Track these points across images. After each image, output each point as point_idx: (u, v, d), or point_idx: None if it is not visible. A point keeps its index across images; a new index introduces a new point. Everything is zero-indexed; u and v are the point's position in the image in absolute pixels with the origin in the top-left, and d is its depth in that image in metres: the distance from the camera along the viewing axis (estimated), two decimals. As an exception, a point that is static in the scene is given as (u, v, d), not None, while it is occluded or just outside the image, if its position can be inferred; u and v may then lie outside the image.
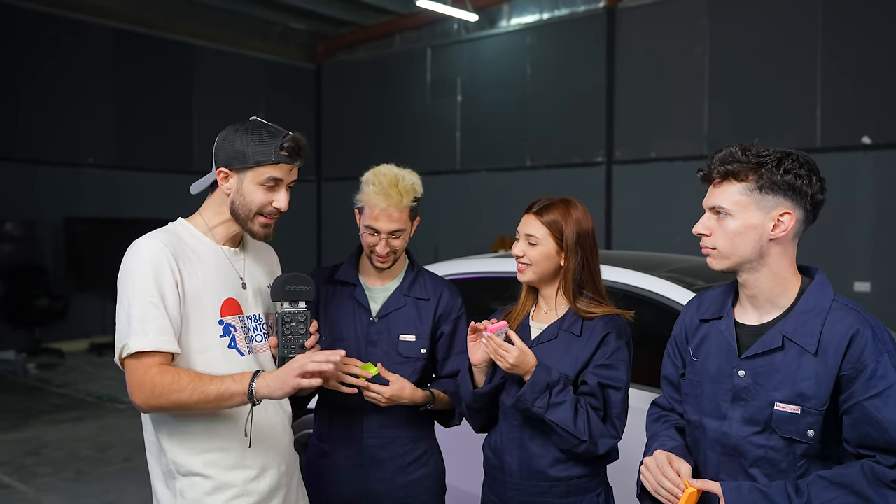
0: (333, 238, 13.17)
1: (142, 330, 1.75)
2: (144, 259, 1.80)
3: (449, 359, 2.43)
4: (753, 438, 1.67)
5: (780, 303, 1.70)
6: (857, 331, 1.60)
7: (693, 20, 9.36)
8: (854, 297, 7.81)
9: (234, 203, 1.92)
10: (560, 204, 2.16)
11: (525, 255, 2.15)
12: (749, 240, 1.66)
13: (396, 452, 2.35)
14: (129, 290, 1.78)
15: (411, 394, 2.25)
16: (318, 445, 2.43)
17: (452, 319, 2.43)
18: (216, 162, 1.92)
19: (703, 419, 1.76)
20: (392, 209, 2.24)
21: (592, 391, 2.06)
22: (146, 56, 11.09)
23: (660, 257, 3.73)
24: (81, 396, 7.58)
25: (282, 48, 13.04)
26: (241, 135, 1.89)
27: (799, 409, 1.62)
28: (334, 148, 13.24)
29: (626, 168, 9.96)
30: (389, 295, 2.40)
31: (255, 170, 1.89)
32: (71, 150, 10.35)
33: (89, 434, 6.19)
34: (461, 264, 3.84)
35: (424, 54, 12.08)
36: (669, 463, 1.70)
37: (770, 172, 1.63)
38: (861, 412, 1.58)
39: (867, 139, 8.22)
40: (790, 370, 1.64)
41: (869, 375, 1.57)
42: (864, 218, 8.25)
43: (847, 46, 8.30)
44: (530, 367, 2.02)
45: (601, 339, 2.09)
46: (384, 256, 2.30)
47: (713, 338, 1.78)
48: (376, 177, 2.27)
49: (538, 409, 2.00)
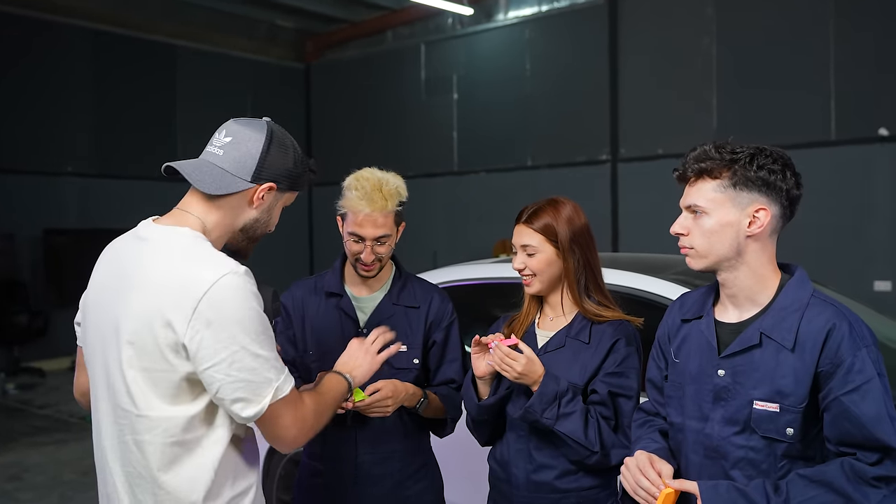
0: (325, 245, 13.19)
1: (281, 370, 1.65)
2: (251, 293, 1.62)
3: (442, 367, 2.45)
4: (734, 439, 1.72)
5: (760, 300, 1.76)
6: (834, 325, 1.65)
7: (699, 9, 9.41)
8: (874, 297, 7.83)
9: (259, 221, 1.78)
10: (548, 206, 2.20)
11: (526, 266, 2.19)
12: (726, 237, 1.72)
13: (393, 468, 2.37)
14: (247, 332, 1.59)
15: (404, 387, 2.28)
16: (309, 464, 2.44)
17: (444, 326, 2.46)
18: (262, 174, 1.71)
19: (686, 421, 1.82)
20: (377, 214, 2.25)
21: (603, 400, 2.09)
22: (125, 58, 11.14)
23: (667, 259, 3.74)
24: (64, 417, 7.61)
25: (268, 47, 13.08)
26: (290, 151, 1.77)
27: (777, 406, 1.67)
28: (325, 151, 13.25)
29: (632, 166, 9.98)
30: (377, 304, 2.42)
31: (291, 194, 1.82)
32: (48, 159, 10.38)
33: (73, 457, 6.22)
34: (460, 270, 3.86)
35: (418, 51, 12.13)
36: (651, 463, 1.76)
37: (743, 169, 1.70)
38: (839, 408, 1.62)
39: (884, 131, 8.24)
40: (769, 368, 1.69)
41: (846, 370, 1.62)
42: (883, 214, 8.26)
43: (862, 32, 8.34)
44: (538, 377, 2.05)
45: (610, 347, 2.13)
46: (369, 264, 2.32)
47: (694, 338, 1.85)
48: (358, 181, 2.29)
49: (547, 421, 2.03)
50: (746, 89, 9.04)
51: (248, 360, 1.58)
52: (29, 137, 10.18)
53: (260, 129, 1.74)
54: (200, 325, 1.56)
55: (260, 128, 1.74)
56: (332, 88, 13.29)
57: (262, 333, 1.61)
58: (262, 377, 1.59)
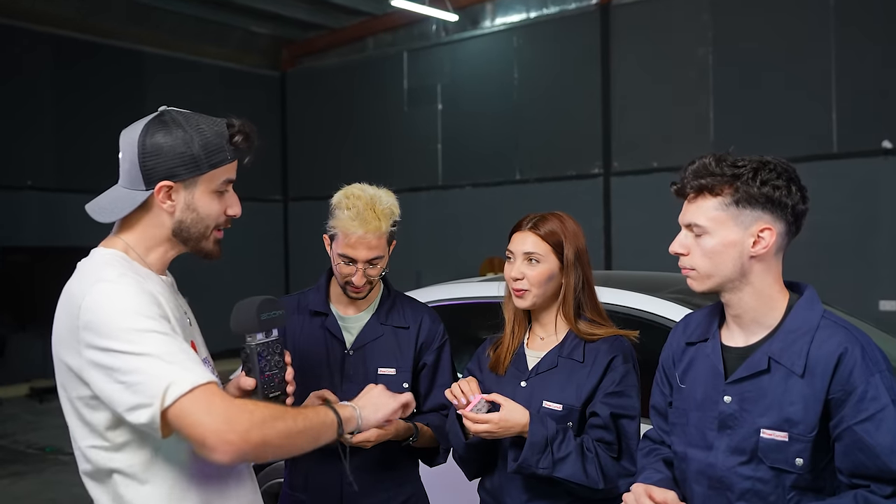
0: (301, 262, 13.16)
1: (180, 364, 1.50)
2: (129, 295, 1.56)
3: (432, 392, 2.44)
4: (739, 469, 1.70)
5: (767, 322, 1.74)
6: (846, 350, 1.64)
7: (695, 16, 9.50)
8: (879, 316, 7.87)
9: (184, 222, 1.69)
10: (553, 218, 2.20)
11: (524, 277, 2.15)
12: (729, 258, 1.70)
13: (379, 498, 2.35)
14: (129, 335, 1.50)
15: (395, 427, 2.23)
16: (291, 495, 2.42)
17: (435, 349, 2.44)
18: (151, 175, 1.65)
19: (689, 450, 1.80)
20: (370, 236, 2.22)
21: (605, 424, 2.08)
22: (90, 66, 11.11)
23: (663, 277, 3.75)
24: (21, 448, 7.51)
25: (242, 55, 13.09)
26: (175, 132, 1.65)
27: (786, 435, 1.65)
28: (302, 164, 13.25)
29: (626, 180, 10.04)
30: (364, 324, 2.40)
31: (209, 175, 1.68)
32: (6, 172, 10.29)
33: (31, 490, 6.14)
34: (446, 289, 3.85)
35: (401, 59, 12.17)
36: (649, 495, 1.73)
37: (746, 185, 1.68)
38: (852, 438, 1.61)
39: (888, 143, 8.34)
40: (777, 394, 1.68)
41: (859, 398, 1.61)
42: (888, 229, 8.34)
43: (864, 42, 8.44)
44: (524, 425, 2.03)
45: (607, 364, 2.12)
46: (360, 287, 2.30)
47: (699, 362, 1.83)
48: (350, 199, 2.25)
49: (544, 470, 2.02)
50: (745, 100, 9.12)
51: (133, 361, 1.48)
52: (-13, 150, 10.12)
53: (136, 127, 1.67)
54: (81, 346, 1.53)
55: (136, 126, 1.67)
56: (309, 98, 13.30)
57: (146, 331, 1.51)
58: (150, 376, 1.47)
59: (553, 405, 2.12)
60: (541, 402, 2.13)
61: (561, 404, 2.11)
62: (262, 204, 13.01)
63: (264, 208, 13.16)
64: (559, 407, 2.11)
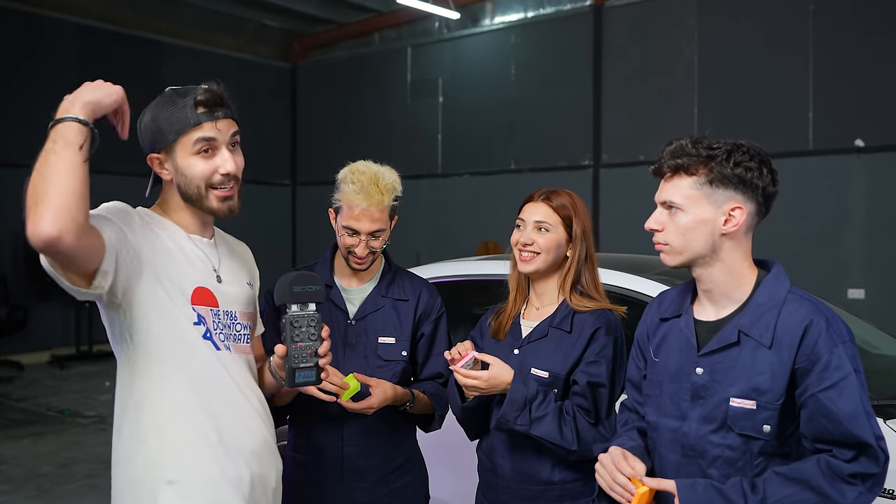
0: (309, 245, 13.12)
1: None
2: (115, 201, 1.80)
3: (429, 361, 2.45)
4: (711, 437, 1.71)
5: (736, 297, 1.75)
6: (811, 321, 1.64)
7: (682, 19, 9.48)
8: (847, 304, 7.90)
9: (181, 186, 1.81)
10: (564, 193, 2.23)
11: (534, 242, 2.16)
12: (701, 235, 1.70)
13: (378, 460, 2.35)
14: None
15: (393, 394, 2.26)
16: (294, 457, 2.42)
17: (432, 320, 2.45)
18: (145, 151, 1.84)
19: (662, 419, 1.80)
20: (373, 209, 2.23)
21: (583, 391, 2.09)
22: (112, 54, 11.03)
23: (650, 259, 3.75)
24: (42, 411, 7.52)
25: (255, 46, 13.02)
26: (152, 111, 1.83)
27: (754, 403, 1.66)
28: (310, 151, 13.22)
29: (614, 172, 10.03)
30: (367, 296, 2.41)
31: (180, 141, 1.78)
32: (31, 152, 10.21)
33: (50, 450, 6.15)
34: (443, 267, 3.85)
35: (404, 54, 12.12)
36: (625, 458, 1.73)
37: (720, 166, 1.68)
38: (816, 405, 1.62)
39: (860, 142, 8.34)
40: (746, 365, 1.68)
41: (823, 367, 1.61)
42: (858, 223, 8.36)
43: (840, 46, 8.44)
44: (509, 382, 2.04)
45: (591, 336, 2.13)
46: (363, 258, 2.30)
47: (673, 336, 1.83)
48: (355, 174, 2.26)
49: (521, 427, 2.03)
50: (727, 98, 9.11)
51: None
52: (14, 131, 10.05)
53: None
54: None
55: None
56: (318, 89, 13.25)
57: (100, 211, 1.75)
58: None
59: (540, 372, 2.13)
60: (530, 368, 2.14)
61: (547, 372, 2.13)
62: (271, 187, 12.99)
63: (273, 192, 13.12)
64: (545, 374, 2.13)
